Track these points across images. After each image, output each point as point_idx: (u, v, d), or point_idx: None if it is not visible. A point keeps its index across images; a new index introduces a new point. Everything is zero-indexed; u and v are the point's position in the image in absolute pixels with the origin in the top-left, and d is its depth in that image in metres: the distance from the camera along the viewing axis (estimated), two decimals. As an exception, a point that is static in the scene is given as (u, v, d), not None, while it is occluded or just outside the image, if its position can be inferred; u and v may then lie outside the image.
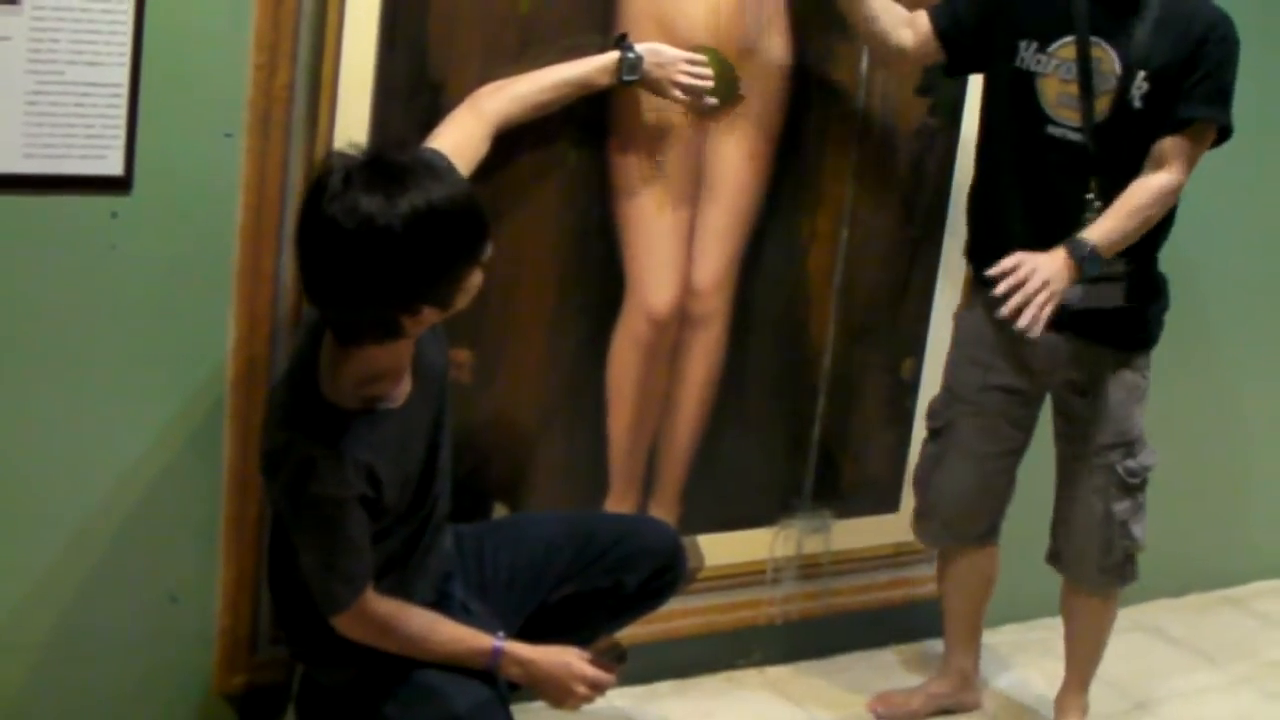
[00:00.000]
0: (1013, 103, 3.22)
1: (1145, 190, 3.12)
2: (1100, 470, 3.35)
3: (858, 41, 3.40)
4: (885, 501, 3.90)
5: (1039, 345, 3.21)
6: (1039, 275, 3.00)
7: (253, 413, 2.85)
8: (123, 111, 2.63)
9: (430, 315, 2.50)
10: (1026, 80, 3.18)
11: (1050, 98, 3.16)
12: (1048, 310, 3.00)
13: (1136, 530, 3.38)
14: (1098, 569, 3.42)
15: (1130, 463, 3.33)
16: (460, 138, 2.79)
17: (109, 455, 2.80)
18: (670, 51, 3.12)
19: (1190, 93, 3.08)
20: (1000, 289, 3.02)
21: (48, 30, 2.53)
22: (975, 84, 3.49)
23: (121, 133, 2.64)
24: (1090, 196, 3.14)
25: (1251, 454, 4.68)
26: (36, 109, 2.55)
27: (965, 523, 3.51)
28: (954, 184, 3.66)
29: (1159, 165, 3.12)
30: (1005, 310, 3.01)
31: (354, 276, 2.39)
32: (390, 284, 2.41)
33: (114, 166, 2.64)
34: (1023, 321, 2.98)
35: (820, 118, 3.46)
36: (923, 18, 3.26)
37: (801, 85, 3.42)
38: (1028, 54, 3.18)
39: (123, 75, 2.62)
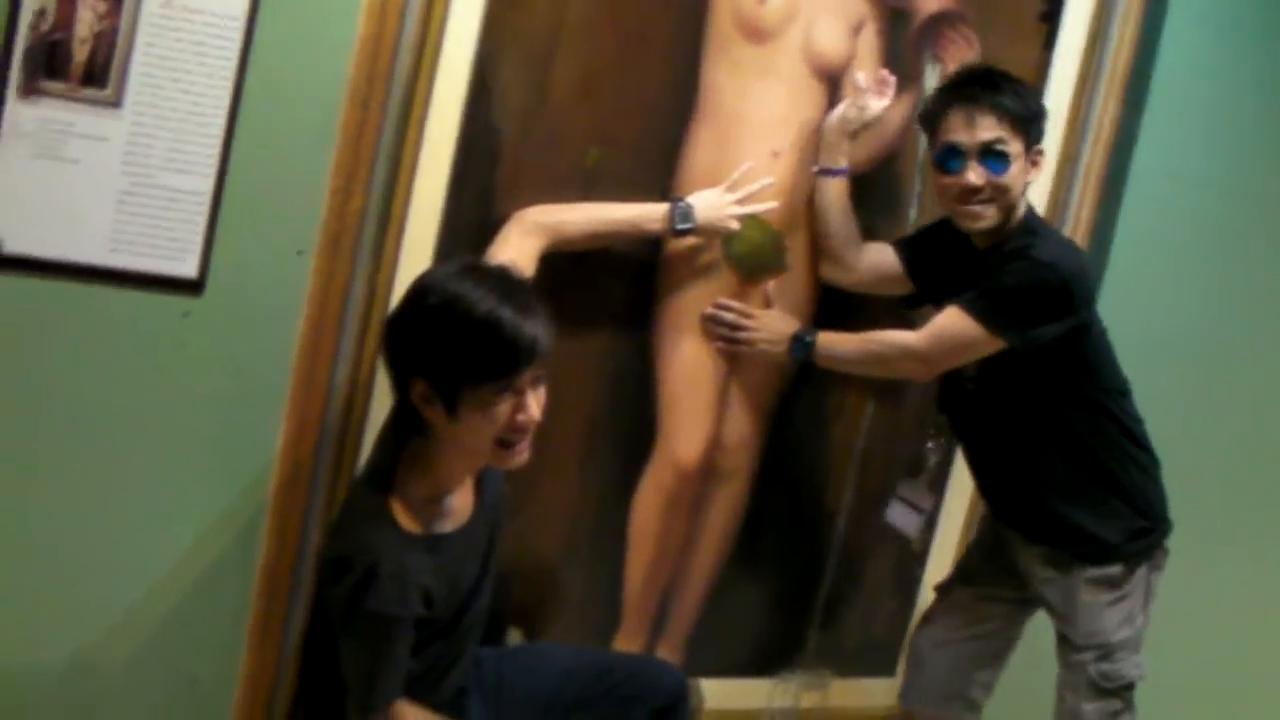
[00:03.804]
0: None
1: (886, 333, 3.27)
2: (1074, 668, 3.29)
3: (900, 215, 3.52)
4: (883, 665, 3.94)
5: (1019, 553, 3.37)
6: (757, 326, 3.32)
7: (292, 516, 2.94)
8: (204, 219, 2.73)
9: (436, 410, 2.55)
10: None
11: None
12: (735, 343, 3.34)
13: None
14: None
15: (1105, 666, 3.24)
16: (514, 257, 2.80)
17: (153, 537, 2.85)
18: (714, 194, 3.21)
19: (976, 288, 3.11)
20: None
21: (144, 135, 2.65)
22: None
23: (200, 238, 2.74)
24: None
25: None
26: (126, 208, 2.66)
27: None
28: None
29: (921, 328, 3.21)
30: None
31: (389, 325, 2.64)
32: (401, 346, 2.59)
33: (190, 269, 2.74)
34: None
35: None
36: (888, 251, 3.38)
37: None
38: None
39: (208, 185, 2.72)
